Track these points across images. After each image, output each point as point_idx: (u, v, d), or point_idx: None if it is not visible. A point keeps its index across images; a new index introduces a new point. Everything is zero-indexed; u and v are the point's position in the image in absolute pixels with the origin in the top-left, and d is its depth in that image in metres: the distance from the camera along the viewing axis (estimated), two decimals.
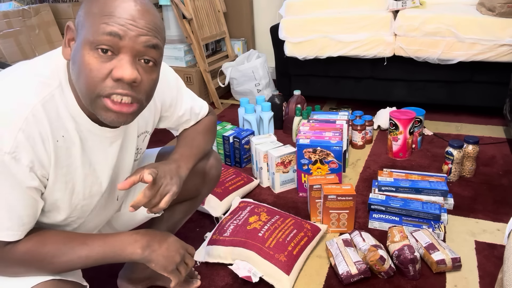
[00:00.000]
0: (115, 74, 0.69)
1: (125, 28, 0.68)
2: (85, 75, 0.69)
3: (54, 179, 0.76)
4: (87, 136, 0.79)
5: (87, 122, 0.78)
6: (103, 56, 0.68)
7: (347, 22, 2.18)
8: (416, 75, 2.19)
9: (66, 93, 0.75)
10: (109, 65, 0.69)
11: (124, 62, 0.69)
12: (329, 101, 2.63)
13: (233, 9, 3.00)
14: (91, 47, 0.68)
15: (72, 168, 0.78)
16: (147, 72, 0.73)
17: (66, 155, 0.76)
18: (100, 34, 0.67)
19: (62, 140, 0.74)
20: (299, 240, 1.28)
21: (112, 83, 0.70)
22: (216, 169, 1.13)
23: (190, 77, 2.66)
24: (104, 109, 0.72)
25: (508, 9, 1.91)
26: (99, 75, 0.69)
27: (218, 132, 1.92)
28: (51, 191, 0.77)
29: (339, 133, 1.62)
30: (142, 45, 0.70)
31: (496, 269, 1.22)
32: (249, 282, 1.19)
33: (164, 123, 1.02)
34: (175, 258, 0.87)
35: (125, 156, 0.90)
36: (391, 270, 1.19)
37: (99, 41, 0.67)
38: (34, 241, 0.76)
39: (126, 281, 1.20)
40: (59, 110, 0.74)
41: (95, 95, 0.70)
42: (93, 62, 0.68)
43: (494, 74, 2.06)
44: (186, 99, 1.02)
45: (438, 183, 1.49)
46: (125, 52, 0.69)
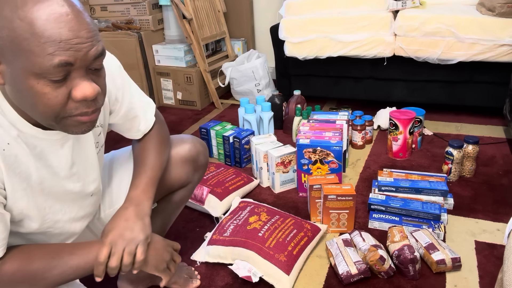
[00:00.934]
0: (77, 96, 0.66)
1: (73, 51, 0.62)
2: (43, 104, 0.65)
3: (12, 188, 0.73)
4: (33, 142, 0.74)
5: (29, 128, 0.73)
6: (56, 82, 0.64)
7: (347, 22, 2.18)
8: (416, 75, 2.19)
9: (0, 102, 0.70)
10: (65, 88, 0.65)
11: (79, 80, 0.65)
12: (329, 101, 2.63)
13: (233, 9, 3.00)
14: (39, 77, 0.63)
15: (26, 175, 0.75)
16: (98, 76, 0.70)
17: (17, 162, 0.72)
18: (48, 68, 0.61)
19: (9, 148, 0.70)
20: (299, 240, 1.28)
21: (75, 104, 0.67)
22: (204, 156, 1.13)
23: (190, 77, 2.66)
24: (73, 125, 0.70)
25: (508, 9, 1.91)
26: (58, 101, 0.65)
27: (218, 132, 1.92)
28: (14, 200, 0.74)
29: (339, 133, 1.62)
30: (92, 59, 0.66)
31: (496, 269, 1.22)
32: (249, 282, 1.19)
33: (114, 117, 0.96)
34: (165, 256, 0.88)
35: (84, 152, 0.86)
36: (391, 270, 1.19)
37: (50, 74, 0.62)
38: (20, 259, 0.74)
39: (126, 281, 1.20)
40: None
41: (60, 117, 0.67)
42: (48, 91, 0.64)
43: (494, 74, 2.06)
44: (134, 90, 0.97)
45: (438, 183, 1.49)
46: (77, 71, 0.65)
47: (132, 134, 1.02)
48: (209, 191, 1.55)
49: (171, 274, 0.90)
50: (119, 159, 1.08)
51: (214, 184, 1.60)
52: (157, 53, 2.74)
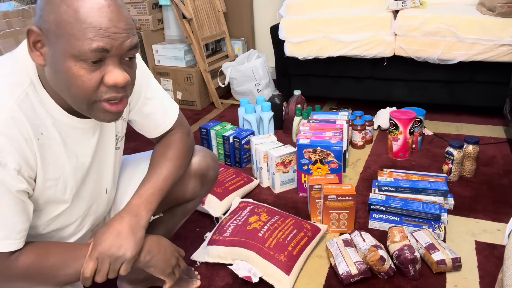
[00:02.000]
0: (108, 81, 0.70)
1: (110, 39, 0.67)
2: (77, 86, 0.69)
3: (43, 178, 0.75)
4: (67, 130, 0.78)
5: (65, 116, 0.77)
6: (92, 66, 0.68)
7: (347, 22, 2.17)
8: (416, 75, 2.19)
9: (38, 90, 0.74)
10: (99, 73, 0.69)
11: (112, 67, 0.70)
12: (329, 101, 2.63)
13: (233, 9, 3.00)
14: (77, 59, 0.67)
15: (59, 164, 0.78)
16: (130, 67, 0.74)
17: (50, 151, 0.76)
18: (86, 51, 0.66)
19: (43, 138, 0.74)
20: (299, 240, 1.28)
21: (105, 88, 0.71)
22: (214, 170, 1.11)
23: (190, 77, 2.66)
24: (102, 111, 0.73)
25: (508, 9, 1.91)
26: (92, 84, 0.69)
27: (218, 132, 1.92)
28: (42, 190, 0.76)
29: (339, 133, 1.62)
30: (126, 49, 0.71)
31: (496, 269, 1.22)
32: (249, 282, 1.19)
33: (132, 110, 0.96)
34: (172, 261, 0.88)
35: (106, 143, 0.89)
36: (391, 270, 1.19)
37: (87, 57, 0.67)
38: (36, 254, 0.75)
39: (126, 282, 1.20)
40: (35, 108, 0.73)
41: (91, 101, 0.72)
42: (83, 73, 0.68)
43: (494, 74, 2.05)
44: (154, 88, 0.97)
45: (438, 183, 1.49)
46: (111, 58, 0.70)
47: (151, 134, 1.00)
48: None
49: (175, 279, 0.91)
50: (127, 165, 1.07)
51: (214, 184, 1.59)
52: (157, 53, 2.74)
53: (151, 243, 0.85)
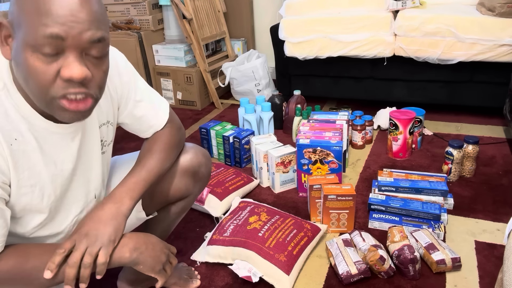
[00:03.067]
0: (64, 74, 0.66)
1: (66, 27, 0.63)
2: (33, 79, 0.66)
3: (17, 184, 0.73)
4: (44, 135, 0.75)
5: (42, 121, 0.74)
6: (48, 57, 0.65)
7: (347, 22, 2.18)
8: (416, 75, 2.19)
9: (12, 94, 0.70)
10: (56, 65, 0.66)
11: (70, 61, 0.66)
12: (329, 101, 2.63)
13: (233, 9, 3.00)
14: (33, 50, 0.64)
15: (36, 171, 0.75)
16: (96, 65, 0.70)
17: (25, 158, 0.73)
18: (40, 38, 0.63)
19: (17, 143, 0.71)
20: (299, 240, 1.28)
21: (63, 83, 0.67)
22: (206, 167, 1.09)
23: (190, 77, 2.66)
24: (61, 110, 0.69)
25: (508, 9, 1.91)
26: (47, 78, 0.66)
27: (218, 132, 1.92)
28: (17, 196, 0.74)
29: (339, 133, 1.62)
30: (86, 41, 0.66)
31: (496, 269, 1.22)
32: (249, 282, 1.19)
33: (121, 115, 0.95)
34: (161, 258, 0.87)
35: (89, 149, 0.86)
36: (391, 270, 1.19)
37: (41, 45, 0.63)
38: (16, 256, 0.74)
39: (126, 282, 1.20)
40: (8, 112, 0.70)
41: (48, 97, 0.68)
42: (39, 65, 0.65)
43: (494, 74, 2.06)
44: (142, 88, 0.96)
45: (438, 183, 1.49)
46: (70, 51, 0.65)
47: (144, 134, 1.00)
48: (209, 191, 1.55)
49: (166, 276, 0.89)
50: (121, 166, 1.06)
51: (214, 184, 1.60)
52: (157, 53, 2.74)
53: (137, 240, 0.83)
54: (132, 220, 1.03)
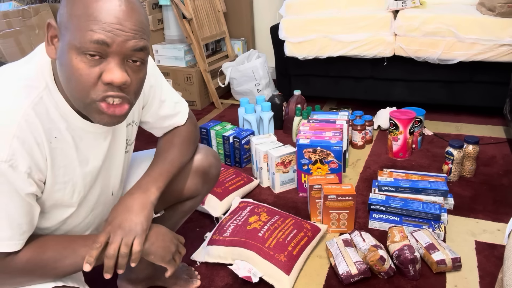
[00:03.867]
0: (105, 78, 0.69)
1: (112, 34, 0.67)
2: (75, 79, 0.69)
3: (52, 181, 0.76)
4: (80, 134, 0.79)
5: (79, 120, 0.77)
6: (92, 60, 0.68)
7: (347, 22, 2.17)
8: (416, 75, 2.19)
9: (53, 93, 0.74)
10: (98, 69, 0.69)
11: (112, 65, 0.69)
12: (329, 101, 2.63)
13: (233, 9, 3.00)
14: (78, 52, 0.67)
15: (70, 168, 0.79)
16: (135, 72, 0.73)
17: (62, 155, 0.76)
18: (87, 42, 0.66)
19: (56, 141, 0.74)
20: (299, 240, 1.28)
21: (103, 87, 0.70)
22: (216, 168, 1.12)
23: (190, 77, 2.66)
24: (98, 112, 0.72)
25: (508, 9, 1.91)
26: (89, 80, 0.69)
27: (218, 132, 1.92)
28: (50, 192, 0.77)
29: (339, 133, 1.62)
30: (130, 49, 0.70)
31: (496, 269, 1.22)
32: (249, 282, 1.19)
33: (146, 114, 0.99)
34: (171, 248, 0.89)
35: (116, 148, 0.90)
36: (391, 270, 1.19)
37: (86, 48, 0.67)
38: (34, 248, 0.76)
39: (126, 281, 1.20)
40: (50, 111, 0.73)
41: (88, 100, 0.70)
42: (82, 67, 0.68)
43: (494, 74, 2.05)
44: (166, 89, 0.99)
45: (438, 183, 1.49)
46: (113, 56, 0.69)
47: (163, 132, 1.03)
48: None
49: (176, 265, 0.91)
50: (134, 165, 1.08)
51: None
52: (157, 53, 2.74)
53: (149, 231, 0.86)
54: None
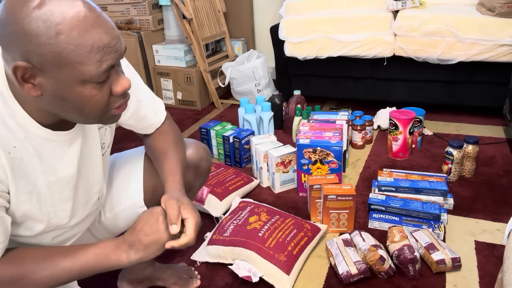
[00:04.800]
0: (118, 90, 0.71)
1: (114, 53, 0.68)
2: (91, 106, 0.69)
3: (16, 192, 0.73)
4: (41, 143, 0.75)
5: (38, 128, 0.73)
6: (101, 83, 0.69)
7: (347, 22, 2.18)
8: (416, 75, 2.19)
9: (9, 103, 0.70)
10: (107, 86, 0.70)
11: (116, 77, 0.71)
12: (329, 101, 2.63)
13: (233, 9, 3.00)
14: (84, 83, 0.66)
15: (32, 178, 0.75)
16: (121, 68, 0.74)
17: (22, 165, 0.73)
18: (98, 74, 0.66)
19: (15, 151, 0.71)
20: (299, 240, 1.28)
21: (115, 98, 0.72)
22: (207, 161, 1.11)
23: (190, 77, 2.66)
24: (111, 118, 0.75)
25: (508, 9, 1.91)
26: (105, 100, 0.70)
27: (218, 132, 1.92)
28: (17, 204, 0.74)
29: (339, 133, 1.62)
30: (122, 55, 0.71)
31: (496, 269, 1.22)
32: (249, 282, 1.19)
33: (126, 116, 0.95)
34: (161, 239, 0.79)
35: (90, 153, 0.87)
36: (391, 270, 1.19)
37: (100, 78, 0.67)
38: (11, 260, 0.73)
39: (126, 282, 1.20)
40: (6, 121, 0.70)
41: (103, 113, 0.72)
42: (95, 93, 0.68)
43: (494, 74, 2.06)
44: (142, 88, 0.97)
45: (438, 183, 1.49)
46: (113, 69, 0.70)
47: (143, 131, 1.02)
48: (209, 191, 1.55)
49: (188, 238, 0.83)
50: (121, 163, 1.07)
51: (214, 184, 1.60)
52: (157, 53, 2.74)
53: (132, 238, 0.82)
54: (133, 216, 1.03)
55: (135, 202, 1.02)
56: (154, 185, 1.02)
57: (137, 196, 1.02)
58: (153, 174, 1.02)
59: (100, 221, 1.03)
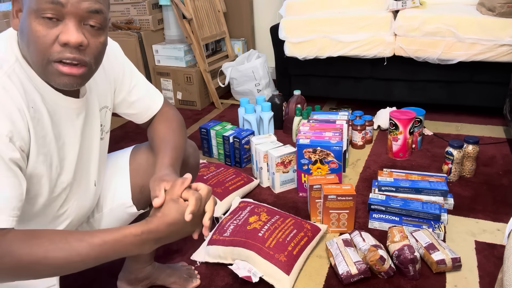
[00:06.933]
0: (61, 39, 0.70)
1: None
2: (33, 42, 0.70)
3: (36, 151, 0.75)
4: (54, 108, 0.79)
5: (52, 92, 0.78)
6: (49, 23, 0.70)
7: (347, 22, 2.17)
8: (416, 75, 2.19)
9: (24, 67, 0.75)
10: (56, 30, 0.70)
11: (69, 27, 0.71)
12: (329, 101, 2.63)
13: (233, 9, 3.00)
14: (36, 16, 0.69)
15: (47, 140, 0.78)
16: (93, 35, 0.74)
17: (40, 126, 0.76)
18: (42, 3, 0.68)
19: (33, 111, 0.74)
20: (299, 240, 1.28)
21: (59, 48, 0.71)
22: (194, 158, 1.11)
23: (190, 77, 2.66)
24: (56, 74, 0.73)
25: (508, 9, 1.91)
26: (46, 41, 0.70)
27: (218, 132, 1.92)
28: (35, 163, 0.75)
29: (339, 133, 1.62)
30: (85, 10, 0.71)
31: (496, 269, 1.22)
32: (249, 282, 1.19)
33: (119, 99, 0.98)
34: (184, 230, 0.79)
35: (91, 130, 0.89)
36: (391, 270, 1.19)
37: (43, 9, 0.68)
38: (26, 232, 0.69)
39: (126, 282, 1.20)
40: (23, 83, 0.74)
41: (45, 61, 0.72)
42: (40, 29, 0.70)
43: (494, 74, 2.06)
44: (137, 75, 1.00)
45: (438, 183, 1.49)
46: (69, 18, 0.70)
47: (141, 118, 1.03)
48: None
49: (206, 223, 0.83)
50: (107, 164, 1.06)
51: (214, 184, 1.60)
52: (157, 53, 2.74)
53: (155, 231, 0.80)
54: (123, 215, 1.03)
55: (123, 202, 1.01)
56: (141, 184, 1.01)
57: (125, 196, 1.01)
58: (140, 173, 1.02)
59: (88, 222, 1.03)
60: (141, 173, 1.02)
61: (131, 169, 1.03)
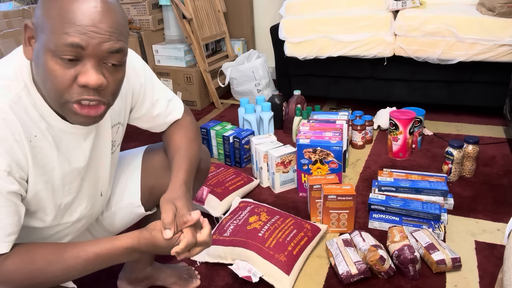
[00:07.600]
0: (81, 80, 0.68)
1: (86, 37, 0.66)
2: (50, 81, 0.68)
3: (35, 180, 0.75)
4: (60, 135, 0.78)
5: (58, 121, 0.76)
6: (67, 63, 0.67)
7: (347, 22, 2.18)
8: (416, 75, 2.19)
9: (32, 94, 0.73)
10: (74, 71, 0.68)
11: (88, 68, 0.68)
12: (329, 101, 2.63)
13: (233, 9, 3.00)
14: (53, 54, 0.67)
15: (49, 168, 0.78)
16: (112, 73, 0.72)
17: (41, 154, 0.75)
18: (61, 45, 0.66)
19: (36, 140, 0.74)
20: (299, 240, 1.28)
21: (78, 89, 0.69)
22: (205, 162, 1.11)
23: (190, 77, 2.66)
24: (73, 113, 0.72)
25: (508, 9, 1.91)
26: (64, 82, 0.68)
27: (218, 132, 1.92)
28: (35, 191, 0.76)
29: (339, 133, 1.62)
30: (105, 51, 0.69)
31: (496, 269, 1.22)
32: (249, 282, 1.19)
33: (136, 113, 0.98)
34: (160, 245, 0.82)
35: (101, 148, 0.89)
36: (391, 270, 1.19)
37: (61, 52, 0.66)
38: (22, 257, 0.73)
39: (126, 282, 1.20)
40: (29, 111, 0.73)
41: (63, 101, 0.70)
42: (57, 69, 0.67)
43: (494, 74, 2.06)
44: (158, 88, 0.99)
45: (438, 183, 1.49)
46: (88, 59, 0.68)
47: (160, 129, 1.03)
48: (209, 191, 1.55)
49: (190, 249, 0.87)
50: (119, 162, 1.07)
51: (214, 184, 1.60)
52: (157, 53, 2.74)
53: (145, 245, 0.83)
54: (131, 215, 1.04)
55: (132, 201, 1.02)
56: (152, 185, 1.02)
57: (134, 196, 1.02)
58: (152, 174, 1.02)
59: (97, 220, 1.04)
60: (152, 175, 1.02)
61: (142, 169, 1.04)
